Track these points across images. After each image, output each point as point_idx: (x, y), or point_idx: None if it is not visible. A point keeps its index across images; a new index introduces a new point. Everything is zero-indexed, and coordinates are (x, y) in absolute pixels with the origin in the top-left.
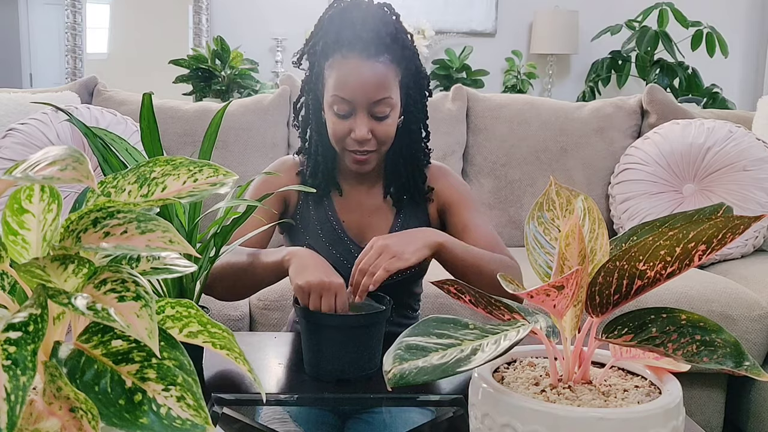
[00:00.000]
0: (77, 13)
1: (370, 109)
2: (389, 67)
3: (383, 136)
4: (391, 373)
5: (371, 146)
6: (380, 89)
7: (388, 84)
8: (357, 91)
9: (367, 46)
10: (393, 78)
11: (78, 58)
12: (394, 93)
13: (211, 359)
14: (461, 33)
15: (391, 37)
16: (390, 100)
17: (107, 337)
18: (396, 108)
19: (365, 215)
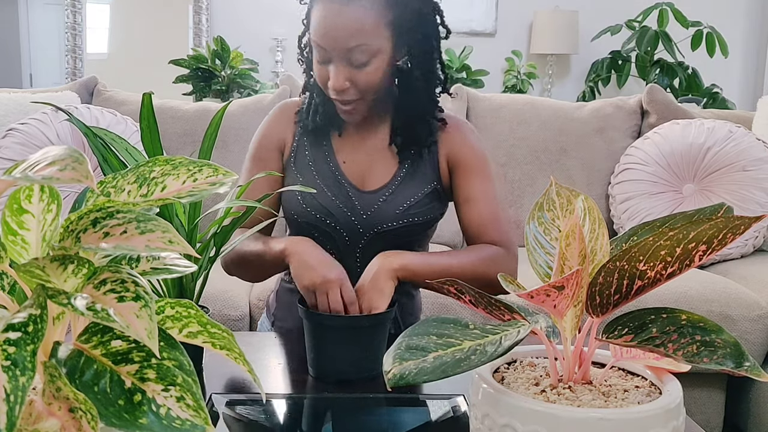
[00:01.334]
0: (77, 13)
1: (346, 56)
2: (369, 11)
3: (363, 85)
4: (391, 373)
5: (351, 95)
6: (354, 36)
7: (364, 29)
8: (329, 38)
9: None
10: (375, 22)
11: (78, 58)
12: (376, 39)
13: (211, 359)
14: (461, 33)
15: None
16: (367, 47)
17: (107, 337)
18: (380, 55)
19: (367, 158)
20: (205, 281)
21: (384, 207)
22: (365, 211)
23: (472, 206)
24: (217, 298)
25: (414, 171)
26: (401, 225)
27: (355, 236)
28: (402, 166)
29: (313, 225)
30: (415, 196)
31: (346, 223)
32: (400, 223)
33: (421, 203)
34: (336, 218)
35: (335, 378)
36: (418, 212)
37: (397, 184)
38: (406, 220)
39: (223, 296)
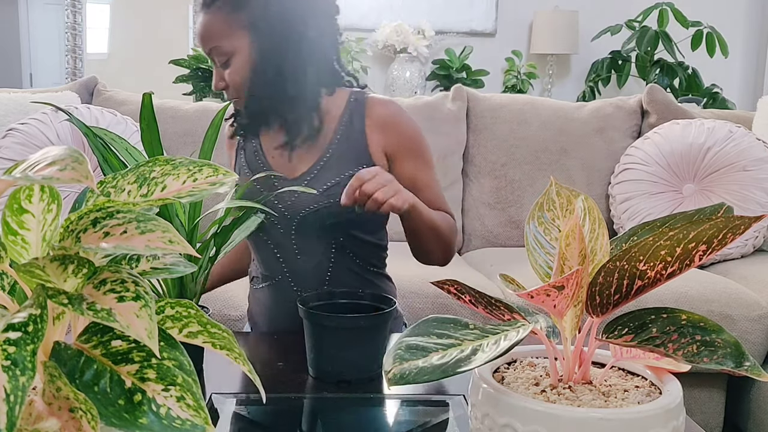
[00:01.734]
0: (77, 13)
1: (212, 58)
2: (218, 15)
3: (232, 82)
4: (391, 373)
5: (231, 94)
6: (206, 40)
7: (213, 32)
8: (198, 42)
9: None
10: (225, 24)
11: (78, 58)
12: (229, 40)
13: (211, 359)
14: (461, 33)
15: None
16: (219, 48)
17: (107, 337)
18: (239, 53)
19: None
20: (206, 281)
21: None
22: (290, 197)
23: (424, 190)
24: (217, 298)
25: (339, 154)
26: (323, 205)
27: (285, 223)
28: (326, 151)
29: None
30: (339, 176)
31: (275, 210)
32: (322, 203)
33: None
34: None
35: (335, 378)
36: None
37: (319, 169)
38: (330, 200)
39: (223, 296)
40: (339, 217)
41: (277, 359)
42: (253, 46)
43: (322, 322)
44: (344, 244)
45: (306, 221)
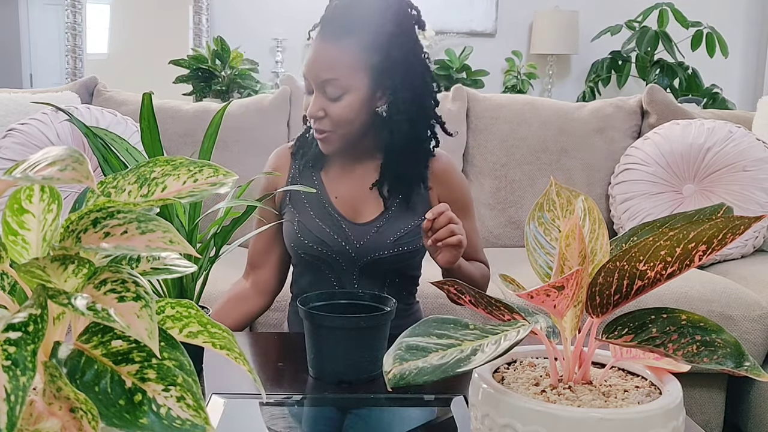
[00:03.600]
0: (77, 13)
1: (321, 87)
2: (347, 52)
3: (335, 116)
4: (391, 373)
5: (325, 125)
6: (327, 70)
7: (337, 66)
8: (309, 69)
9: (329, 28)
10: (350, 62)
11: (78, 58)
12: (348, 77)
13: (211, 359)
14: (461, 33)
15: (360, 20)
16: (338, 83)
17: (107, 337)
18: (353, 92)
19: (357, 194)
20: (206, 281)
21: (376, 237)
22: (358, 241)
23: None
24: (218, 298)
25: (406, 204)
26: (393, 253)
27: (350, 264)
28: (393, 200)
29: (311, 255)
30: (407, 226)
31: (340, 252)
32: (392, 251)
33: (412, 233)
34: (331, 247)
35: (335, 378)
36: (409, 241)
37: (388, 217)
38: (398, 249)
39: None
40: (404, 263)
41: (277, 359)
42: (369, 90)
43: (323, 322)
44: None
45: (373, 264)
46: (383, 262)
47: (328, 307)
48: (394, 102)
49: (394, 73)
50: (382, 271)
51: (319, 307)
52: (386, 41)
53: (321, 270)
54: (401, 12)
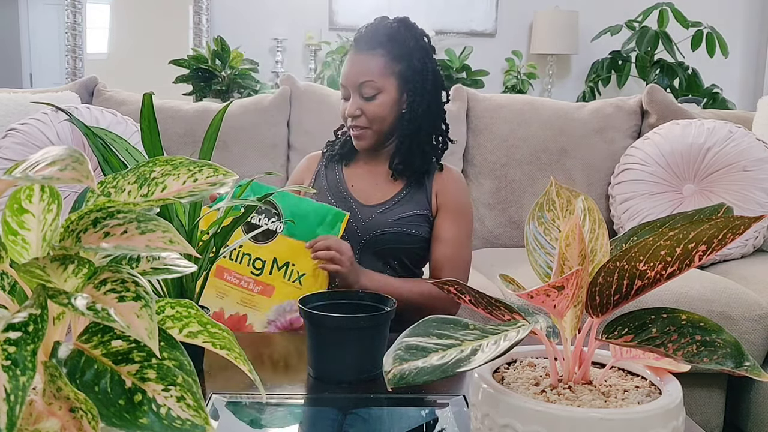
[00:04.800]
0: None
1: (359, 90)
2: (379, 59)
3: (371, 113)
4: (391, 373)
5: (362, 122)
6: (364, 73)
7: (372, 70)
8: (348, 76)
9: (363, 42)
10: (383, 68)
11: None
12: (382, 80)
13: (211, 359)
14: (461, 33)
15: (387, 36)
16: (374, 83)
17: (107, 337)
18: (385, 92)
19: (371, 184)
20: (205, 281)
21: (380, 217)
22: (365, 219)
23: (440, 245)
24: None
25: (411, 196)
26: (393, 232)
27: (355, 239)
28: (401, 191)
29: None
30: (409, 213)
31: (348, 229)
32: (393, 230)
33: (412, 219)
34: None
35: (335, 378)
36: (408, 225)
37: (395, 203)
38: (397, 228)
39: None
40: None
41: (277, 359)
42: (398, 92)
43: (323, 322)
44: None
45: (374, 240)
46: (384, 239)
47: (328, 307)
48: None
49: (415, 80)
50: (382, 251)
51: (319, 307)
52: (408, 53)
53: None
54: (418, 32)
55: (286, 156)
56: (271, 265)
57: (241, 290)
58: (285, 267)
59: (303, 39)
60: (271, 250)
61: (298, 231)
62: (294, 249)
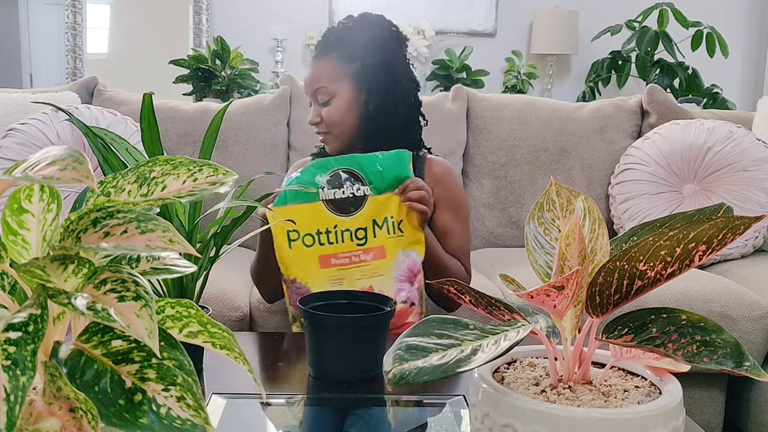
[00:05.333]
0: (77, 13)
1: (314, 97)
2: (329, 64)
3: (328, 118)
4: (391, 373)
5: (322, 128)
6: (316, 80)
7: (323, 76)
8: (306, 84)
9: (318, 48)
10: (333, 72)
11: (78, 58)
12: (334, 84)
13: (211, 359)
14: (461, 33)
15: (338, 38)
16: (325, 89)
17: (107, 337)
18: (339, 96)
19: None
20: (206, 281)
21: None
22: None
23: (450, 239)
24: (218, 299)
25: None
26: None
27: None
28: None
29: None
30: None
31: None
32: None
33: None
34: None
35: (335, 378)
36: None
37: None
38: None
39: (223, 296)
40: None
41: (277, 359)
42: (353, 93)
43: (323, 322)
44: None
45: None
46: None
47: (328, 307)
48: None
49: (372, 77)
50: None
51: (319, 307)
52: (359, 51)
53: None
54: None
55: (286, 156)
56: (372, 228)
57: (356, 266)
58: (384, 223)
59: (303, 39)
60: (367, 214)
61: (377, 184)
62: (383, 203)
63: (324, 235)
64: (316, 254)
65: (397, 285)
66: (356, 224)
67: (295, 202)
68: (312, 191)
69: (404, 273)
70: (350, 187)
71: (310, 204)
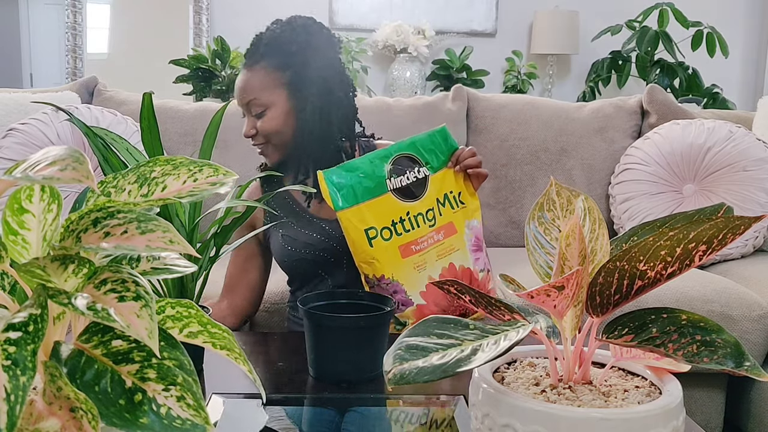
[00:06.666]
0: (77, 13)
1: (248, 109)
2: (260, 74)
3: (263, 130)
4: (391, 373)
5: (259, 140)
6: (247, 92)
7: (254, 87)
8: (236, 95)
9: (247, 57)
10: (265, 82)
11: (78, 58)
12: (267, 94)
13: (211, 359)
14: (461, 33)
15: (267, 46)
16: (258, 101)
17: (107, 337)
18: (273, 107)
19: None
20: (206, 281)
21: None
22: (338, 233)
23: None
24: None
25: None
26: None
27: (337, 256)
28: None
29: (302, 259)
30: None
31: (326, 248)
32: None
33: None
34: (316, 246)
35: (335, 378)
36: None
37: None
38: None
39: None
40: None
41: (277, 359)
42: (289, 102)
43: (323, 322)
44: None
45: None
46: None
47: (328, 307)
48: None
49: (303, 85)
50: None
51: (319, 307)
52: (290, 59)
53: (315, 273)
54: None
55: None
56: (437, 207)
57: (432, 247)
58: (446, 199)
59: None
60: (431, 194)
61: (433, 163)
62: (441, 180)
63: (399, 224)
64: (396, 245)
65: (473, 256)
66: (425, 206)
67: (365, 200)
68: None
69: (474, 242)
70: (412, 171)
71: (379, 198)
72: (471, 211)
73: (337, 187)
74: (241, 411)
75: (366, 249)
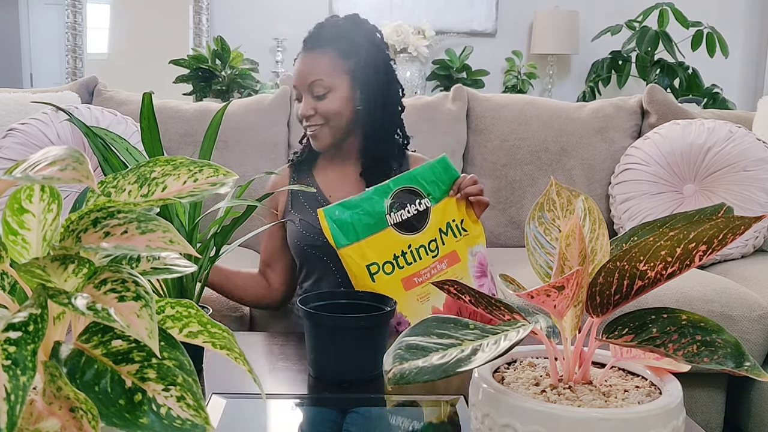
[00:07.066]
0: (77, 13)
1: (309, 90)
2: (327, 57)
3: (323, 111)
4: (391, 372)
5: (316, 121)
6: (312, 73)
7: (320, 69)
8: (298, 76)
9: (311, 41)
10: (332, 66)
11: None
12: (332, 78)
13: (211, 359)
14: (461, 33)
15: (335, 34)
16: (323, 82)
17: (107, 337)
18: (336, 90)
19: (349, 190)
20: (206, 281)
21: None
22: None
23: None
24: (218, 299)
25: None
26: None
27: None
28: None
29: (314, 246)
30: None
31: None
32: None
33: None
34: None
35: (335, 378)
36: None
37: None
38: None
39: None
40: None
41: (277, 359)
42: (351, 89)
43: (323, 322)
44: None
45: None
46: None
47: (328, 307)
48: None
49: (367, 76)
50: None
51: (319, 307)
52: (357, 49)
53: (323, 262)
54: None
55: (286, 156)
56: (440, 237)
57: (435, 278)
58: (449, 229)
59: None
60: (433, 225)
61: (435, 193)
62: (443, 209)
63: (401, 258)
64: (399, 278)
65: (476, 282)
66: (427, 238)
67: (365, 236)
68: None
69: (477, 268)
70: (413, 204)
71: (379, 233)
72: (474, 237)
73: (337, 224)
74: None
75: (368, 284)
